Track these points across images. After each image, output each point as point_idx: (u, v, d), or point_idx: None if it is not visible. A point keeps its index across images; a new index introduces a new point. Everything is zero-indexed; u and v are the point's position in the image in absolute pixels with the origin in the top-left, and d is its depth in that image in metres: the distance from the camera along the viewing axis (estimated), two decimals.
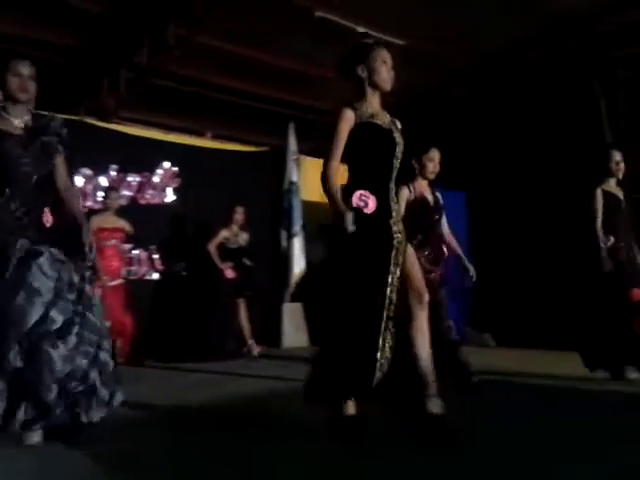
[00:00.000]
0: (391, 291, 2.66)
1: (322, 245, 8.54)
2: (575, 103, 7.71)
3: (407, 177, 3.97)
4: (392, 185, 2.81)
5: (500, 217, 8.20)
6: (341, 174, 2.77)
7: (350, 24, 6.79)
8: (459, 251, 4.19)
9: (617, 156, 4.57)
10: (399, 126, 2.91)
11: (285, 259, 7.81)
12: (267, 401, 3.86)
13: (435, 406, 2.58)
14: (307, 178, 9.21)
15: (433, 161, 4.03)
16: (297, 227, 7.86)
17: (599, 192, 4.52)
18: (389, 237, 2.72)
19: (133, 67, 7.34)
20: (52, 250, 2.68)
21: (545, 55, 7.52)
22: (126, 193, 6.68)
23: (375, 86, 2.84)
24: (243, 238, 6.78)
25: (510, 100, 8.21)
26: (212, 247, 6.49)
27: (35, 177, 2.77)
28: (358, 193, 2.69)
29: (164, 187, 6.98)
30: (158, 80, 7.63)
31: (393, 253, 2.70)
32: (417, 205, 3.96)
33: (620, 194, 4.62)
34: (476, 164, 8.38)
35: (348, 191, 2.73)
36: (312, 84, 8.20)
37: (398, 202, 2.92)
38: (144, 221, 6.40)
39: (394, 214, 2.78)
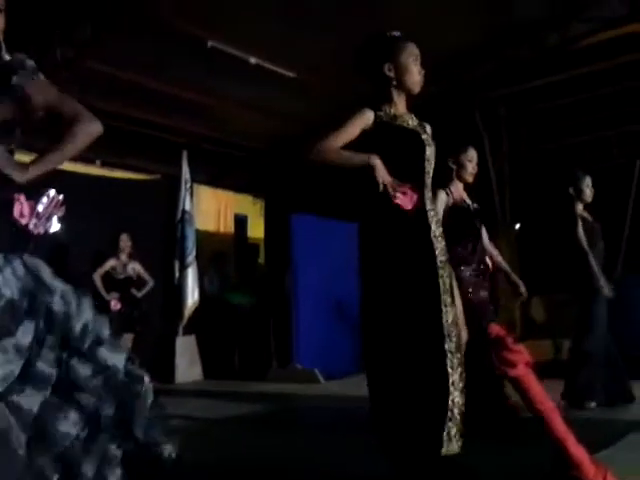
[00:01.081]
0: (447, 320, 2.26)
1: (215, 274, 8.45)
2: (460, 140, 8.14)
3: (443, 180, 3.53)
4: (428, 192, 2.44)
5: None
6: None
7: (243, 55, 6.85)
8: (504, 265, 3.80)
9: (587, 179, 4.58)
10: (428, 130, 2.56)
11: (178, 290, 7.63)
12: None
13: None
14: (201, 207, 9.12)
15: (472, 161, 3.65)
16: (191, 257, 7.72)
17: (579, 218, 4.51)
18: (431, 255, 2.32)
19: None
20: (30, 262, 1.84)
21: (428, 93, 7.89)
22: None
23: (404, 88, 2.46)
24: (132, 268, 6.58)
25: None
26: (97, 277, 6.28)
27: None
28: (402, 187, 2.24)
29: (49, 216, 6.64)
30: None
31: (440, 273, 2.31)
32: (457, 211, 3.52)
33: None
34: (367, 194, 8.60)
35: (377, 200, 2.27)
36: (205, 112, 8.17)
37: (436, 210, 2.50)
38: (28, 250, 6.05)
39: (433, 227, 2.39)
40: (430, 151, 2.47)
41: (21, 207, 1.87)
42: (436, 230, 2.39)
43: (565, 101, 8.30)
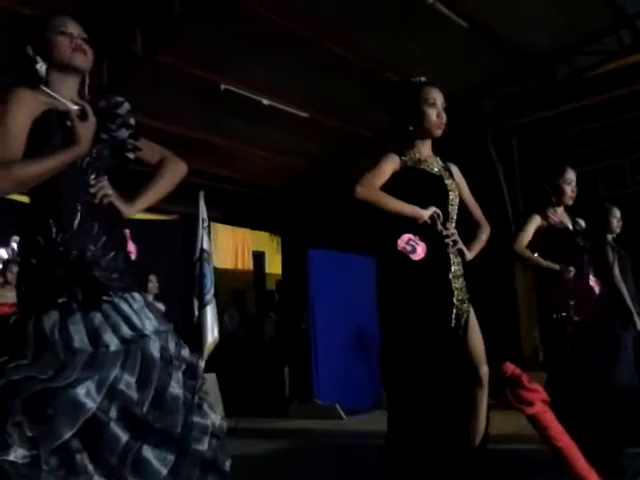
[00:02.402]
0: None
1: (235, 311, 8.52)
2: (475, 171, 8.24)
3: (540, 205, 3.52)
4: (453, 233, 2.44)
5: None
6: None
7: (255, 97, 7.03)
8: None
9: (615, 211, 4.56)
10: (454, 171, 2.60)
11: (198, 328, 7.69)
12: None
13: None
14: (218, 245, 9.24)
15: (571, 184, 3.51)
16: (209, 295, 7.78)
17: (609, 249, 4.42)
18: (448, 293, 2.35)
19: None
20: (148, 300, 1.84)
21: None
22: None
23: (422, 131, 2.49)
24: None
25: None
26: None
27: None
28: (405, 237, 2.32)
29: None
30: None
31: (454, 313, 2.35)
32: (556, 234, 3.45)
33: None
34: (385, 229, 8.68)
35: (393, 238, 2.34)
36: (221, 153, 8.34)
37: (462, 255, 2.47)
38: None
39: (454, 268, 2.41)
40: (453, 196, 2.50)
41: (129, 243, 1.90)
42: (457, 270, 2.42)
43: (573, 131, 8.39)
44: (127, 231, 1.87)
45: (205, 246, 7.97)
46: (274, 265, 10.32)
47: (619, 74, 7.09)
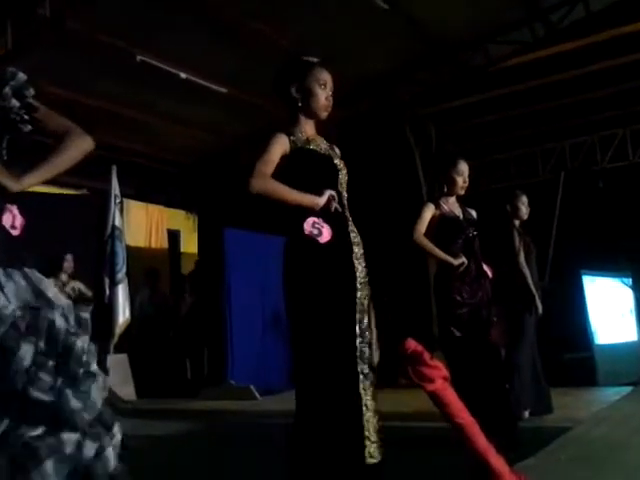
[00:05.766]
0: (361, 342, 2.31)
1: (148, 290, 8.30)
2: (392, 156, 8.35)
3: (434, 194, 3.66)
4: (347, 215, 2.45)
5: None
6: None
7: (173, 69, 6.81)
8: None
9: (523, 197, 4.73)
10: (338, 152, 2.58)
11: (109, 308, 7.45)
12: None
13: None
14: (131, 222, 8.95)
15: (462, 175, 3.69)
16: (121, 274, 7.54)
17: (516, 234, 4.64)
18: (351, 277, 2.34)
19: None
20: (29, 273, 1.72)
21: (356, 114, 8.01)
22: None
23: (309, 111, 2.46)
24: (72, 287, 6.42)
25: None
26: None
27: None
28: (310, 220, 2.30)
29: None
30: None
31: (358, 295, 2.34)
32: (446, 223, 3.65)
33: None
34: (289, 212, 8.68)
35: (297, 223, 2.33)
36: (135, 127, 8.06)
37: (358, 235, 2.46)
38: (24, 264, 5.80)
39: (356, 249, 2.40)
40: (342, 175, 2.49)
41: (13, 218, 1.80)
42: (358, 252, 2.41)
43: (488, 119, 8.65)
44: (13, 207, 1.80)
45: (117, 223, 7.70)
46: (190, 244, 10.12)
47: (532, 66, 7.34)
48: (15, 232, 1.79)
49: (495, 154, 9.31)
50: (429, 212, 3.66)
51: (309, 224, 2.30)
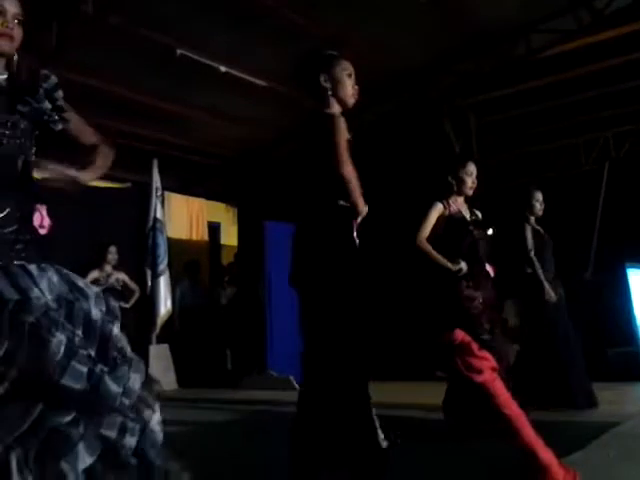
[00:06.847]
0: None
1: (189, 281, 8.42)
2: (432, 148, 8.28)
3: (443, 193, 3.77)
4: None
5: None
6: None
7: (212, 63, 6.87)
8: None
9: (538, 194, 4.78)
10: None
11: (151, 299, 7.59)
12: None
13: None
14: (173, 215, 9.10)
15: (471, 175, 3.81)
16: (162, 266, 7.68)
17: (528, 229, 4.71)
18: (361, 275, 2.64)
19: None
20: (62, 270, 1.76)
21: (396, 106, 7.96)
22: None
23: (338, 99, 2.57)
24: (116, 278, 6.56)
25: (369, 148, 8.62)
26: None
27: (21, 160, 1.79)
28: None
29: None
30: None
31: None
32: (453, 223, 3.75)
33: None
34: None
35: None
36: (175, 120, 8.16)
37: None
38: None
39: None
40: None
41: (41, 218, 1.92)
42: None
43: (529, 110, 8.48)
44: (43, 207, 1.89)
45: (159, 215, 7.84)
46: (230, 236, 10.23)
47: (574, 55, 7.17)
48: (43, 231, 1.86)
49: (536, 145, 9.13)
50: (436, 213, 3.75)
51: None
